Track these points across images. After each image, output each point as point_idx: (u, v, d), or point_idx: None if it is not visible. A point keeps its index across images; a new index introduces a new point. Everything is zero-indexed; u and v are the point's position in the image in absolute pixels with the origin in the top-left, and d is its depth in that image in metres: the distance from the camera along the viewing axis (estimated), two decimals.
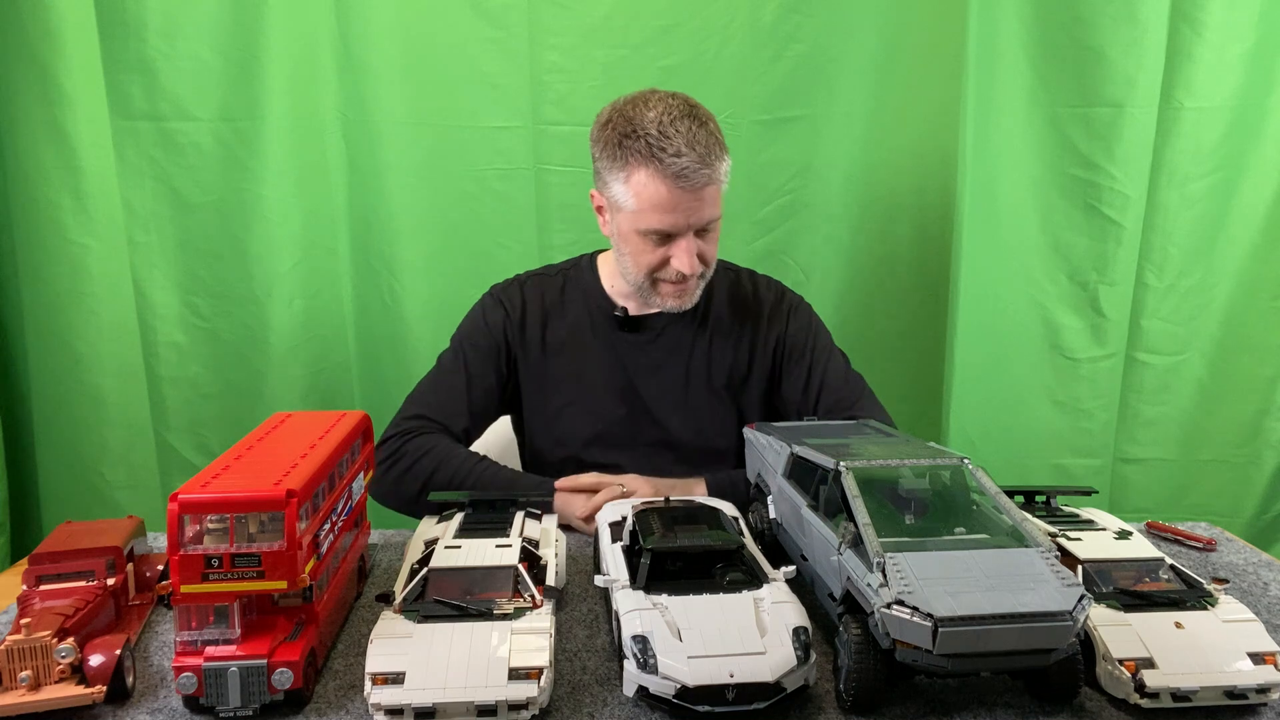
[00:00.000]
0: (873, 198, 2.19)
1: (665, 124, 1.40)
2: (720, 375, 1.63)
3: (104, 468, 2.16)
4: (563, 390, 1.62)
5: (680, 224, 1.45)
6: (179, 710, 0.92)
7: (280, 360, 2.15)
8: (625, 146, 1.43)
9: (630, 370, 1.62)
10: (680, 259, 1.47)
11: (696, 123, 1.42)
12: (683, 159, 1.39)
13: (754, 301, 1.68)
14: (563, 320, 1.64)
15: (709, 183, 1.43)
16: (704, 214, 1.46)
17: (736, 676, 0.86)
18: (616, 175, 1.45)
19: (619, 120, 1.45)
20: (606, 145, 1.46)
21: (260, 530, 0.89)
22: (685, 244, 1.46)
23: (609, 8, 2.06)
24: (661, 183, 1.41)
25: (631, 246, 1.50)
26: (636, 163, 1.42)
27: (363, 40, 2.06)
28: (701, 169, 1.40)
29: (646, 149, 1.40)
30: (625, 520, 1.14)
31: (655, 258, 1.49)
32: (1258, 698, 0.90)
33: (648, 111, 1.43)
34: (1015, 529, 0.91)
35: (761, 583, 1.00)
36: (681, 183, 1.40)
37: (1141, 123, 2.00)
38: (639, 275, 1.52)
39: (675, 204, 1.42)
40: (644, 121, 1.42)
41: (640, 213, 1.45)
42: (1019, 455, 2.17)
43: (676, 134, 1.40)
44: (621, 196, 1.46)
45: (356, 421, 1.17)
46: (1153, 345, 2.16)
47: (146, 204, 2.04)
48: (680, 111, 1.43)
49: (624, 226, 1.49)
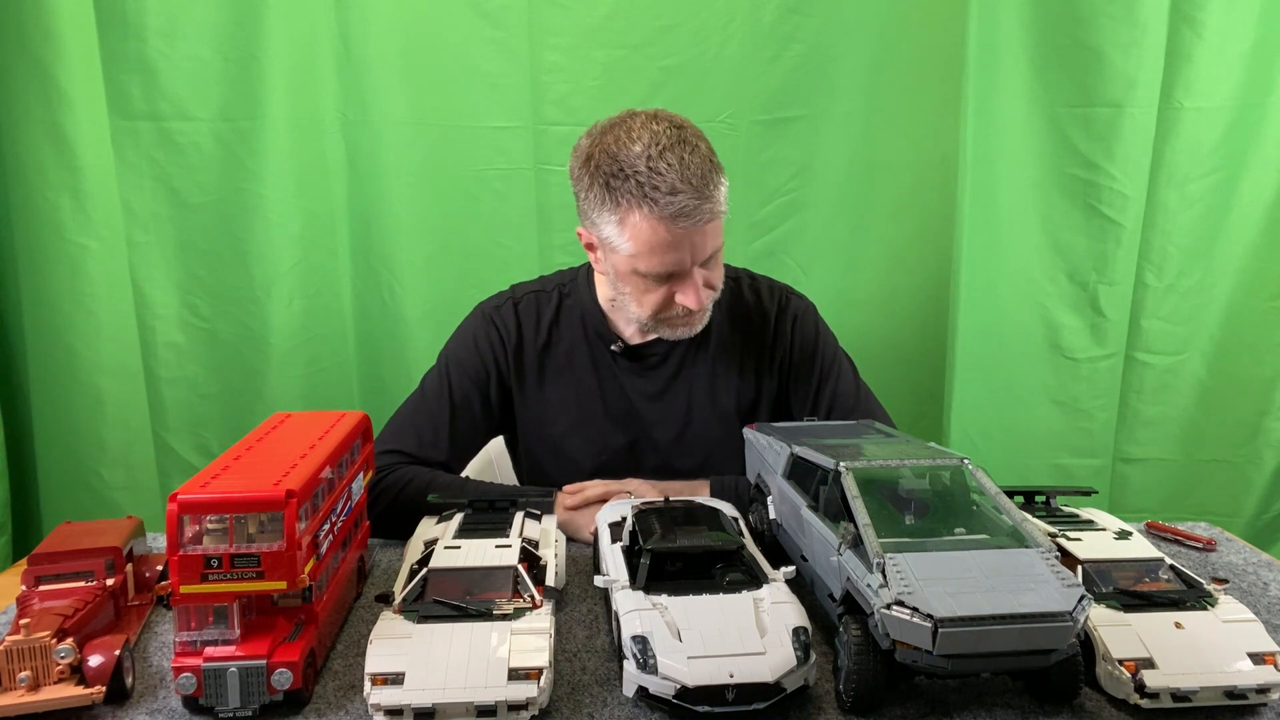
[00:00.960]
0: (873, 198, 2.19)
1: (654, 158, 1.27)
2: (727, 400, 1.55)
3: (103, 468, 2.16)
4: (561, 418, 1.54)
5: (684, 262, 1.33)
6: (178, 710, 0.92)
7: (280, 360, 2.15)
8: (614, 188, 1.30)
9: (632, 398, 1.54)
10: (688, 296, 1.36)
11: (688, 149, 1.29)
12: (679, 197, 1.26)
13: (757, 316, 1.58)
14: (559, 345, 1.54)
15: (710, 218, 1.31)
16: (707, 248, 1.34)
17: (736, 677, 0.86)
18: (607, 218, 1.33)
19: (602, 158, 1.31)
20: (592, 186, 1.33)
21: (260, 530, 0.89)
22: (691, 282, 1.35)
23: (609, 8, 2.06)
24: (659, 224, 1.28)
25: (632, 287, 1.39)
26: (629, 205, 1.29)
27: (363, 40, 2.06)
28: (701, 204, 1.28)
29: (638, 189, 1.27)
30: (625, 521, 1.14)
31: (659, 297, 1.38)
32: (1258, 698, 0.90)
33: (633, 145, 1.29)
34: (1015, 529, 0.91)
35: (761, 583, 0.99)
36: (682, 223, 1.28)
37: (1141, 123, 2.00)
38: (643, 315, 1.42)
39: (676, 244, 1.31)
40: (630, 158, 1.29)
41: (639, 255, 1.32)
42: (1019, 455, 2.17)
43: (669, 169, 1.27)
44: (615, 239, 1.33)
45: (356, 422, 1.17)
46: (1152, 345, 2.16)
47: (146, 204, 2.04)
48: (668, 140, 1.29)
49: (622, 268, 1.37)
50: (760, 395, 1.58)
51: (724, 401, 1.56)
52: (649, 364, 1.55)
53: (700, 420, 1.55)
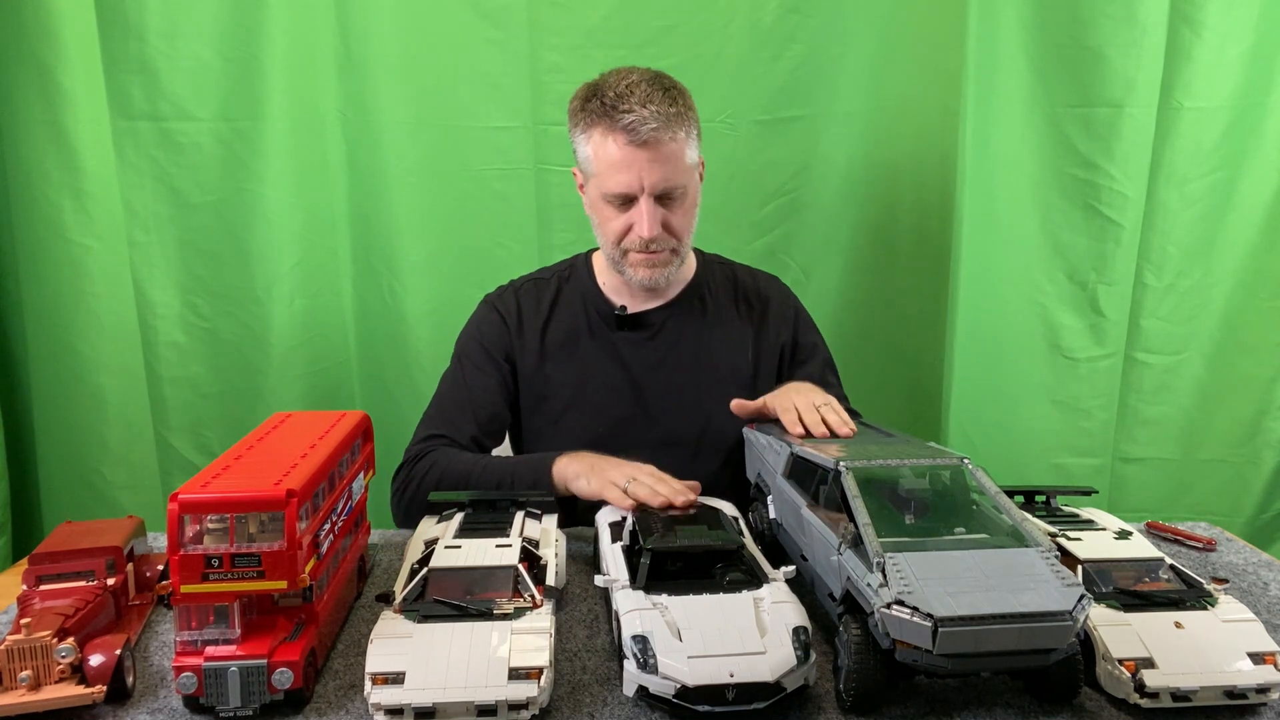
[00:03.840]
0: (872, 198, 2.19)
1: (626, 86, 1.42)
2: (725, 367, 1.62)
3: (104, 468, 2.16)
4: (562, 394, 1.61)
5: (634, 184, 1.44)
6: (179, 710, 0.92)
7: (280, 360, 2.15)
8: (588, 109, 1.45)
9: (632, 369, 1.61)
10: (640, 223, 1.46)
11: (660, 90, 1.44)
12: (633, 114, 1.40)
13: (756, 297, 1.67)
14: (559, 323, 1.63)
15: (662, 142, 1.42)
16: (659, 174, 1.44)
17: (736, 676, 0.86)
18: (581, 139, 1.48)
19: (586, 88, 1.49)
20: (577, 112, 1.49)
21: (260, 530, 0.89)
22: (644, 206, 1.46)
23: (609, 8, 2.06)
24: (613, 139, 1.42)
25: (600, 215, 1.52)
26: (593, 122, 1.45)
27: (363, 40, 2.06)
28: (651, 125, 1.40)
29: (602, 108, 1.43)
30: (625, 520, 1.14)
31: (620, 224, 1.50)
32: (1257, 698, 0.90)
33: (613, 77, 1.46)
34: (1015, 529, 0.91)
35: (761, 583, 1.00)
36: (632, 137, 1.40)
37: (1141, 123, 1.99)
38: (608, 245, 1.53)
39: (629, 162, 1.43)
40: (606, 85, 1.45)
41: (600, 175, 1.47)
42: (1019, 455, 2.17)
43: (632, 94, 1.41)
44: (585, 161, 1.49)
45: (356, 421, 1.18)
46: (1152, 345, 2.15)
47: (147, 204, 2.04)
48: (644, 77, 1.45)
49: (592, 194, 1.52)
50: (759, 370, 1.64)
51: (723, 368, 1.62)
52: (649, 333, 1.61)
53: (700, 387, 1.60)
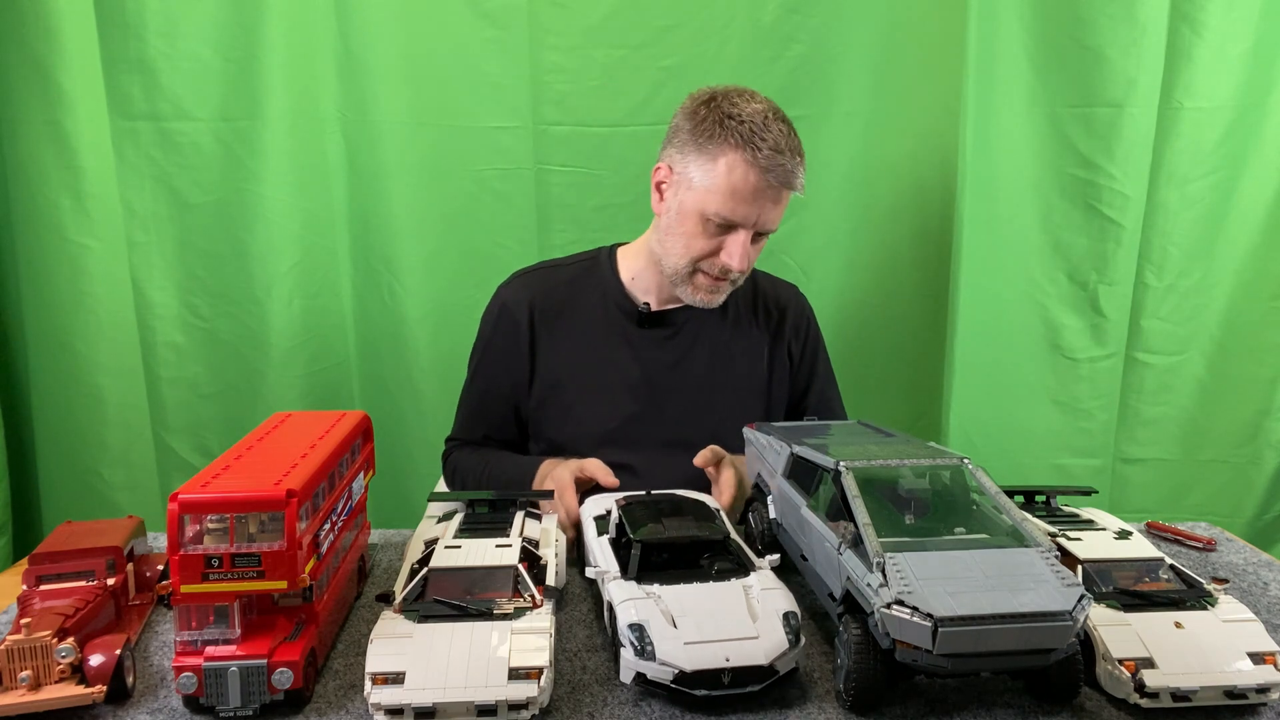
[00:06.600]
0: (873, 198, 2.19)
1: (768, 120, 1.42)
2: (741, 372, 1.62)
3: (103, 468, 2.16)
4: (571, 387, 1.60)
5: (750, 217, 1.44)
6: (179, 710, 0.92)
7: (280, 360, 2.15)
8: (726, 126, 1.42)
9: (646, 366, 1.59)
10: (733, 254, 1.46)
11: (793, 131, 1.46)
12: (778, 155, 1.41)
13: (775, 305, 1.69)
14: (572, 316, 1.62)
15: (790, 184, 1.44)
16: (773, 215, 1.47)
17: (732, 660, 0.89)
18: (703, 152, 1.44)
19: (724, 103, 1.45)
20: (703, 121, 1.45)
21: (260, 530, 0.89)
22: (743, 238, 1.45)
23: (609, 8, 2.06)
24: (751, 169, 1.41)
25: (687, 228, 1.48)
26: (732, 145, 1.42)
27: (363, 40, 2.05)
28: (791, 171, 1.42)
29: (747, 134, 1.41)
30: (609, 514, 1.15)
31: (707, 245, 1.48)
32: (1257, 698, 0.90)
33: (753, 103, 1.45)
34: (1015, 529, 0.91)
35: (748, 570, 1.02)
36: (770, 176, 1.41)
37: (1141, 123, 2.00)
38: (682, 260, 1.50)
39: (756, 195, 1.43)
40: (748, 111, 1.43)
41: (715, 193, 1.43)
42: (1019, 455, 2.17)
43: (777, 133, 1.42)
44: (699, 175, 1.45)
45: (356, 422, 1.17)
46: (1152, 345, 2.16)
47: (146, 204, 2.04)
48: (779, 116, 1.46)
49: (688, 205, 1.47)
50: (774, 374, 1.65)
51: (740, 371, 1.62)
52: (668, 332, 1.61)
53: (715, 388, 1.60)
